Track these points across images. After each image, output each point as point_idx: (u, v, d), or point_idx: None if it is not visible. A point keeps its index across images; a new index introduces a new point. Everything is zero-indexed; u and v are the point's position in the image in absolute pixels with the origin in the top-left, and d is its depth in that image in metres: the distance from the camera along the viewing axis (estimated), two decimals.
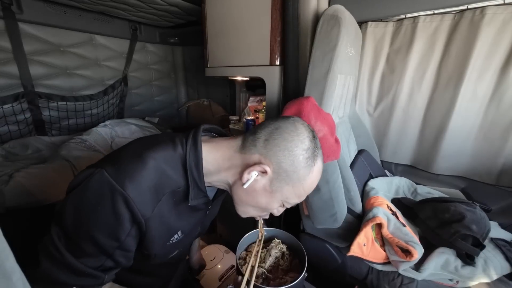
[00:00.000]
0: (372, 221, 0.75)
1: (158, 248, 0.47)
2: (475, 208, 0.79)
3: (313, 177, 0.45)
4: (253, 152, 0.44)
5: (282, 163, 0.43)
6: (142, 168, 0.40)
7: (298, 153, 0.43)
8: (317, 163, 0.45)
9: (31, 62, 1.23)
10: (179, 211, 0.47)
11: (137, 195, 0.38)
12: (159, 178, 0.42)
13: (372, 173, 1.07)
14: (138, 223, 0.40)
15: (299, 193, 0.46)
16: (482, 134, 0.98)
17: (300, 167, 0.43)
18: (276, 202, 0.47)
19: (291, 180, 0.44)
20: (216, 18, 1.03)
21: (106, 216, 0.38)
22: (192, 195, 0.46)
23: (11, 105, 1.20)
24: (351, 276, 0.87)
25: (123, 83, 1.68)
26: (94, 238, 0.38)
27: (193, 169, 0.45)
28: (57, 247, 0.38)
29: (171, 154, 0.44)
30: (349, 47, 0.82)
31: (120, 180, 0.38)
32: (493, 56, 0.89)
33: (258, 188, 0.45)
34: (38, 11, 1.20)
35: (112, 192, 0.37)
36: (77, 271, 0.38)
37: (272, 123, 0.46)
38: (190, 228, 0.53)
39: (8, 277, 0.19)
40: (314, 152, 0.44)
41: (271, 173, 0.44)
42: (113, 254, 0.40)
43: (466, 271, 0.70)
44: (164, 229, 0.46)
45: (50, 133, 1.39)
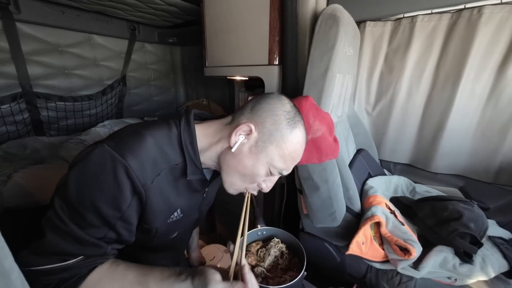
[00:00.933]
0: (371, 220, 0.76)
1: (159, 223, 0.49)
2: (473, 207, 0.79)
3: (295, 139, 0.48)
4: (241, 119, 0.49)
5: (265, 122, 0.47)
6: (141, 142, 0.43)
7: (280, 113, 0.47)
8: (299, 127, 0.49)
9: (29, 62, 1.23)
10: (178, 189, 0.50)
11: (136, 164, 0.41)
12: (157, 153, 0.44)
13: (370, 172, 1.07)
14: (139, 193, 0.42)
15: (284, 154, 0.48)
16: (480, 133, 0.98)
17: (282, 126, 0.47)
18: (262, 165, 0.48)
19: (275, 139, 0.47)
20: (215, 17, 1.03)
21: (108, 185, 0.39)
22: (190, 170, 0.48)
23: (9, 106, 1.19)
24: (350, 274, 0.87)
25: (121, 83, 1.67)
26: (97, 208, 0.39)
27: (188, 146, 0.48)
28: (61, 218, 0.39)
29: (167, 133, 0.47)
30: (348, 46, 0.82)
31: (120, 151, 0.40)
32: (491, 55, 0.90)
33: (244, 150, 0.48)
34: (36, 11, 1.20)
35: (113, 162, 0.39)
36: (81, 240, 0.40)
37: (258, 95, 0.51)
38: (189, 209, 0.55)
39: (7, 275, 0.19)
40: (295, 117, 0.48)
41: (255, 133, 0.47)
42: (115, 225, 0.42)
43: (464, 269, 0.70)
44: (165, 204, 0.48)
45: (49, 134, 1.39)
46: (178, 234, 0.58)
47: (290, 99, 0.52)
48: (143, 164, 0.42)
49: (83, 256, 0.41)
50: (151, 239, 0.51)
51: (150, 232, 0.49)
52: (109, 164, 0.39)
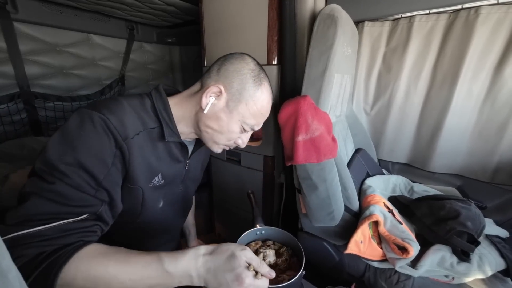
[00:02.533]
0: (369, 219, 0.76)
1: (142, 183, 0.50)
2: (470, 206, 0.80)
3: (262, 96, 0.52)
4: (209, 82, 0.52)
5: (233, 83, 0.50)
6: (116, 103, 0.46)
7: (246, 72, 0.51)
8: (264, 84, 0.53)
9: (26, 62, 1.22)
10: (158, 153, 0.52)
11: (114, 119, 0.42)
12: (134, 116, 0.47)
13: (369, 171, 1.07)
14: (121, 147, 0.43)
15: (254, 111, 0.52)
16: (477, 132, 0.99)
17: (248, 85, 0.50)
18: (235, 123, 0.52)
19: (244, 98, 0.51)
20: (214, 17, 1.03)
21: (89, 138, 0.40)
22: (167, 132, 0.51)
23: (6, 106, 1.19)
24: (349, 273, 0.87)
25: (120, 83, 1.67)
26: (81, 163, 0.39)
27: (163, 113, 0.51)
28: (46, 179, 0.37)
29: (140, 102, 0.50)
30: (346, 46, 0.82)
31: (97, 109, 0.42)
32: (488, 55, 0.90)
33: (217, 110, 0.51)
34: (34, 10, 1.19)
35: (91, 117, 0.41)
36: (73, 197, 0.38)
37: (222, 57, 0.54)
38: (171, 178, 0.57)
39: (4, 275, 0.19)
40: (260, 74, 0.52)
41: (225, 94, 0.50)
42: (103, 181, 0.41)
43: (461, 268, 0.70)
44: (145, 164, 0.49)
45: (47, 134, 1.38)
46: (164, 206, 0.58)
47: (253, 58, 0.54)
48: (122, 120, 0.44)
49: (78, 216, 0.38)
50: (141, 209, 0.52)
51: (136, 194, 0.50)
52: (88, 120, 0.40)
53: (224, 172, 1.23)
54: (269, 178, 1.06)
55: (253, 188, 0.90)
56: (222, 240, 1.33)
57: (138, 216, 0.53)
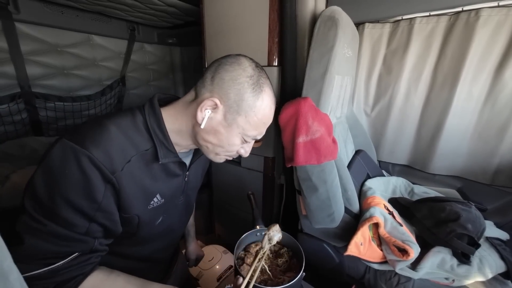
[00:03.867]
0: (369, 221, 0.76)
1: (139, 211, 0.47)
2: (471, 208, 0.80)
3: (263, 104, 0.47)
4: (203, 92, 0.46)
5: (229, 94, 0.45)
6: (102, 131, 0.41)
7: (243, 81, 0.45)
8: (265, 90, 0.47)
9: (28, 62, 1.22)
10: (153, 174, 0.48)
11: (100, 154, 0.39)
12: (123, 141, 0.43)
13: (369, 173, 1.07)
14: (110, 181, 0.41)
15: (254, 122, 0.47)
16: (477, 134, 0.99)
17: (247, 95, 0.45)
18: (235, 136, 0.48)
19: (242, 110, 0.45)
20: (214, 18, 1.04)
21: (75, 178, 0.38)
22: (161, 154, 0.47)
23: (7, 106, 1.19)
24: (349, 275, 0.87)
25: (121, 84, 1.67)
26: (70, 202, 0.38)
27: (156, 130, 0.47)
28: (38, 219, 0.37)
29: (131, 120, 0.46)
30: (346, 48, 0.82)
31: (81, 143, 0.39)
32: (488, 57, 0.91)
33: (214, 124, 0.47)
34: (35, 11, 1.20)
35: (75, 154, 0.38)
36: (64, 237, 0.38)
37: (216, 61, 0.48)
38: (171, 194, 0.54)
39: (6, 276, 0.19)
40: (259, 80, 0.46)
41: (222, 107, 0.46)
42: (94, 216, 0.40)
43: (462, 270, 0.70)
44: (140, 190, 0.47)
45: (47, 134, 1.38)
46: (164, 220, 0.57)
47: (251, 59, 0.48)
48: (108, 153, 0.40)
49: (72, 255, 0.39)
50: (138, 229, 0.50)
51: (132, 221, 0.48)
52: (71, 157, 0.38)
53: (224, 173, 1.23)
54: (269, 179, 1.07)
55: (253, 189, 0.90)
56: (222, 241, 1.32)
57: (134, 234, 0.51)
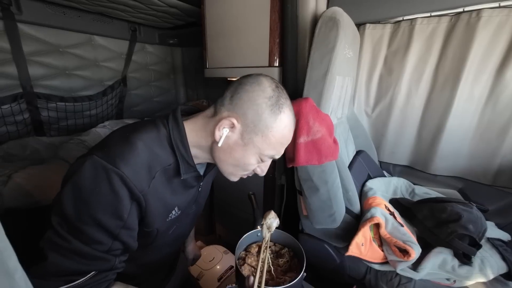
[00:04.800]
0: (370, 221, 0.76)
1: (159, 224, 0.49)
2: (472, 208, 0.79)
3: (282, 125, 0.46)
4: (223, 111, 0.47)
5: (247, 114, 0.45)
6: (131, 148, 0.42)
7: (261, 102, 0.45)
8: (284, 111, 0.46)
9: (30, 63, 1.23)
10: (173, 188, 0.49)
11: (131, 172, 0.40)
12: (149, 157, 0.44)
13: (370, 173, 1.07)
14: (137, 199, 0.42)
15: (271, 142, 0.47)
16: (478, 135, 0.99)
17: (265, 115, 0.45)
18: (252, 155, 0.48)
19: (259, 130, 0.45)
20: (216, 19, 1.04)
21: (105, 196, 0.38)
22: (183, 169, 0.48)
23: (9, 106, 1.19)
24: (350, 276, 0.87)
25: (122, 84, 1.68)
26: (97, 220, 0.38)
27: (179, 145, 0.47)
28: (63, 236, 0.38)
29: (156, 135, 0.46)
30: (347, 49, 0.82)
31: (112, 161, 0.39)
32: (489, 58, 0.90)
33: (231, 143, 0.47)
34: (38, 12, 1.20)
35: (107, 172, 0.38)
36: (87, 255, 0.39)
37: (236, 81, 0.49)
38: (186, 205, 0.55)
39: (11, 275, 0.20)
40: (278, 101, 0.46)
41: (239, 126, 0.46)
42: (119, 234, 0.41)
43: (463, 271, 0.70)
44: (161, 205, 0.47)
45: (49, 134, 1.39)
46: (176, 229, 0.57)
47: (272, 79, 0.48)
48: (137, 170, 0.41)
49: (90, 273, 0.40)
50: (153, 240, 0.51)
51: (151, 234, 0.49)
52: (103, 176, 0.38)
53: None
54: (270, 180, 1.07)
55: (254, 190, 0.90)
56: (223, 241, 1.32)
57: (150, 244, 0.52)
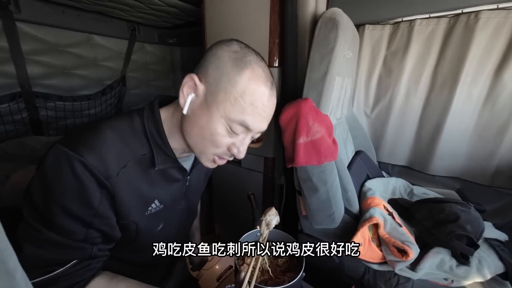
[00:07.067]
0: (369, 222, 0.76)
1: (136, 217, 0.46)
2: (470, 209, 0.80)
3: (248, 81, 0.40)
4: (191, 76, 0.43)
5: (209, 70, 0.42)
6: (97, 135, 0.40)
7: (223, 55, 0.41)
8: (251, 67, 0.41)
9: (28, 62, 1.22)
10: (151, 179, 0.47)
11: (94, 159, 0.38)
12: (119, 145, 0.42)
13: (369, 174, 1.08)
14: (105, 187, 0.40)
15: (237, 102, 0.40)
16: (476, 136, 0.99)
17: (227, 68, 0.40)
18: (217, 121, 0.41)
19: (222, 87, 0.40)
20: (215, 19, 1.04)
21: (69, 184, 0.37)
22: (158, 160, 0.45)
23: (7, 105, 1.19)
24: (348, 276, 0.88)
25: (121, 83, 1.67)
26: (66, 209, 0.37)
27: (155, 135, 0.45)
28: (35, 227, 0.37)
29: (128, 124, 0.44)
30: (347, 49, 0.83)
31: (74, 148, 0.38)
32: (488, 59, 0.91)
33: (196, 108, 0.42)
34: (36, 10, 1.20)
35: (68, 160, 0.37)
36: (61, 245, 0.38)
37: None
38: (171, 199, 0.53)
39: (12, 275, 0.20)
40: (245, 57, 0.41)
41: (202, 86, 0.42)
42: (92, 222, 0.40)
43: (460, 271, 0.71)
44: (136, 196, 0.45)
45: (47, 133, 1.38)
46: (165, 226, 0.55)
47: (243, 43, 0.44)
48: (103, 157, 0.39)
49: (70, 263, 0.39)
50: (137, 236, 0.49)
51: (129, 227, 0.47)
52: (65, 163, 0.37)
53: (224, 173, 1.23)
54: (270, 180, 1.07)
55: (253, 190, 0.90)
56: (222, 241, 1.33)
57: (134, 241, 0.50)
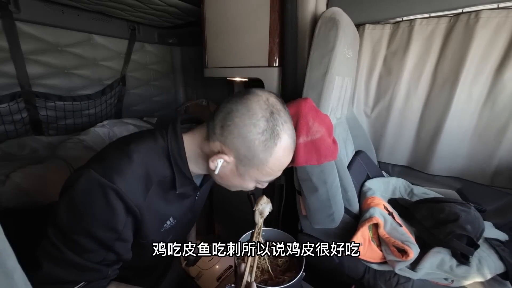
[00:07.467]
0: (369, 221, 0.76)
1: (154, 235, 0.49)
2: (470, 209, 0.80)
3: (277, 157, 0.43)
4: (214, 139, 0.45)
5: (239, 150, 0.43)
6: (127, 161, 0.41)
7: (253, 138, 0.41)
8: (280, 141, 0.42)
9: (28, 62, 1.23)
10: (168, 199, 0.49)
11: (127, 187, 0.40)
12: (145, 169, 0.43)
13: (369, 173, 1.08)
14: (133, 213, 0.42)
15: (267, 172, 0.45)
16: (477, 135, 0.99)
17: (258, 151, 0.42)
18: (248, 182, 0.48)
19: (254, 164, 0.44)
20: (215, 19, 1.04)
21: (100, 210, 0.39)
22: (179, 183, 0.48)
23: (7, 105, 1.19)
24: (348, 276, 0.88)
25: (121, 83, 1.67)
26: (91, 233, 0.39)
27: (177, 158, 0.47)
28: (57, 246, 0.38)
29: (152, 146, 0.46)
30: (347, 49, 0.83)
31: (108, 175, 0.39)
32: (488, 59, 0.91)
33: (228, 172, 0.46)
34: (36, 10, 1.20)
35: (103, 188, 0.38)
36: (80, 266, 0.39)
37: (225, 107, 0.44)
38: (182, 214, 0.55)
39: (10, 275, 0.20)
40: (273, 132, 0.41)
41: (232, 159, 0.44)
42: (113, 246, 0.41)
43: (461, 271, 0.71)
44: (156, 216, 0.48)
45: (47, 133, 1.38)
46: (173, 237, 0.58)
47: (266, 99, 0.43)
48: (133, 185, 0.41)
49: (84, 282, 0.40)
50: (148, 250, 0.50)
51: (146, 245, 0.49)
52: (99, 190, 0.38)
53: None
54: None
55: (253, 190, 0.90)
56: (222, 241, 1.32)
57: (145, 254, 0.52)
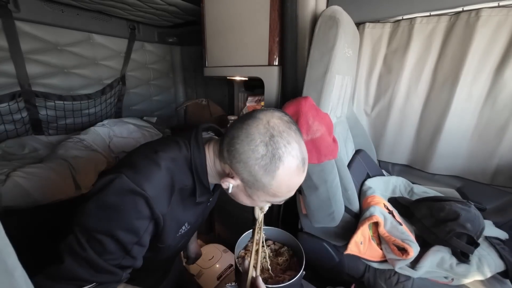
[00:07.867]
0: (369, 220, 0.76)
1: (170, 240, 0.51)
2: (470, 207, 0.80)
3: (281, 180, 0.42)
4: (224, 161, 0.47)
5: (242, 175, 0.44)
6: (156, 170, 0.44)
7: (252, 164, 0.42)
8: (282, 165, 0.41)
9: (28, 61, 1.22)
10: (185, 205, 0.52)
11: (155, 194, 0.43)
12: (171, 178, 0.46)
13: (369, 172, 1.08)
14: (156, 219, 0.44)
15: (275, 195, 0.45)
16: (477, 134, 0.99)
17: (259, 176, 0.42)
18: (259, 202, 0.49)
19: (259, 187, 0.44)
20: (215, 18, 1.04)
21: (128, 215, 0.41)
22: (199, 193, 0.51)
23: (7, 104, 1.19)
24: (349, 274, 0.88)
25: (121, 83, 1.67)
26: (115, 235, 0.40)
27: (199, 169, 0.49)
28: (81, 243, 0.39)
29: (177, 155, 0.48)
30: (347, 47, 0.82)
31: (140, 183, 0.42)
32: (488, 57, 0.91)
33: (238, 192, 0.48)
34: (35, 9, 1.19)
35: (134, 193, 0.41)
36: (98, 267, 0.40)
37: (229, 132, 0.46)
38: (195, 220, 0.58)
39: (11, 273, 0.20)
40: (273, 156, 0.41)
41: (240, 183, 0.46)
42: (131, 250, 0.42)
43: (461, 269, 0.71)
44: (175, 222, 0.50)
45: (47, 133, 1.38)
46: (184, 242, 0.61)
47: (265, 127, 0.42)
48: (161, 193, 0.44)
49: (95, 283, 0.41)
50: (162, 254, 0.53)
51: (162, 249, 0.51)
52: (130, 197, 0.41)
53: None
54: None
55: None
56: (222, 240, 1.33)
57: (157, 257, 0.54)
